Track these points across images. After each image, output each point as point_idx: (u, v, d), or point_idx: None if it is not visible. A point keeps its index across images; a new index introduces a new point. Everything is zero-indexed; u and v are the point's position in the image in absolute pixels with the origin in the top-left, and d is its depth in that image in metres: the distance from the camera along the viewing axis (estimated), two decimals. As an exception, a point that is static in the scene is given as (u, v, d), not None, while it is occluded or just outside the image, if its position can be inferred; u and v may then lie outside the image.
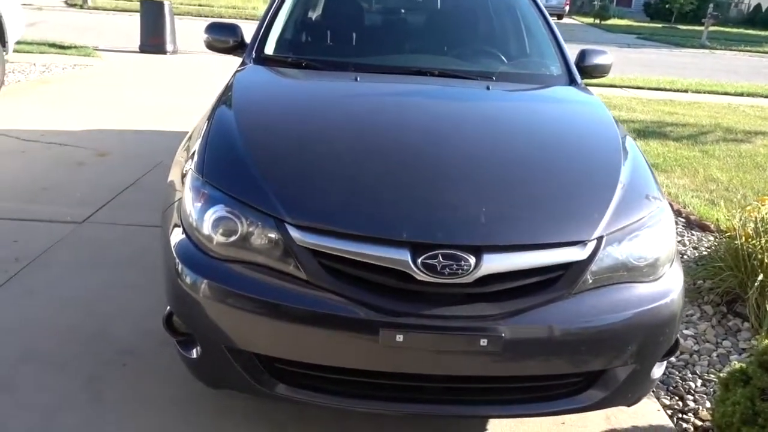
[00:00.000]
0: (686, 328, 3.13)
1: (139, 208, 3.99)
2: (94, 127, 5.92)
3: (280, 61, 3.06)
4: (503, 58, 3.26)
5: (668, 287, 2.02)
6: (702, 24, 23.49)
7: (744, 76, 14.82)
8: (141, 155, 5.03)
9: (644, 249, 2.00)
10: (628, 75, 13.02)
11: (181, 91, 7.91)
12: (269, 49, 3.12)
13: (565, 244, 1.89)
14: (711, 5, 23.22)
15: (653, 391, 2.62)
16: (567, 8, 30.01)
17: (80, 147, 5.24)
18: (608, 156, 2.30)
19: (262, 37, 3.15)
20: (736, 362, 2.38)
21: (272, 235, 1.87)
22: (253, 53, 3.07)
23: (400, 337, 1.77)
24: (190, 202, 2.02)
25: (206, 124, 2.37)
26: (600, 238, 1.92)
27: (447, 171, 2.10)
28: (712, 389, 2.64)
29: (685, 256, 3.95)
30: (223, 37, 3.25)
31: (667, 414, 2.49)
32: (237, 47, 3.25)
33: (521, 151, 2.33)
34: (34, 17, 14.13)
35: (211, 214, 1.94)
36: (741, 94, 11.60)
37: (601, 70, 3.36)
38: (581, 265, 1.88)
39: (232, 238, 1.91)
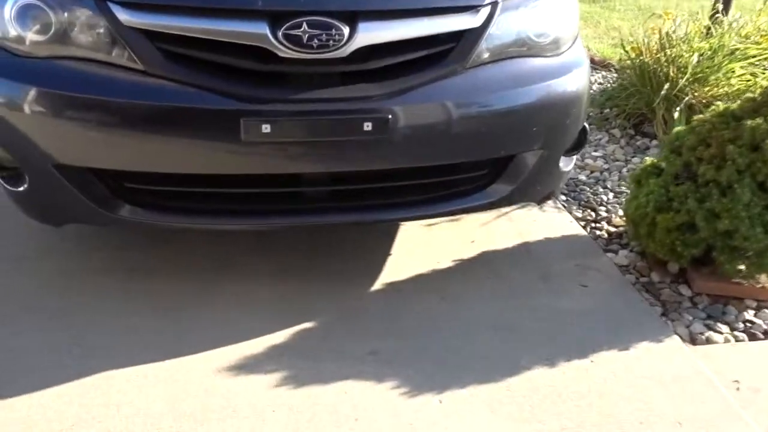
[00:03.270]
0: (595, 150, 3.00)
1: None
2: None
3: None
4: None
5: (571, 62, 1.80)
6: None
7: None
8: None
9: (544, 22, 1.74)
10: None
11: None
12: None
13: (455, 10, 1.60)
14: None
15: (564, 206, 2.47)
16: None
17: None
18: None
19: None
20: (647, 158, 2.25)
21: (93, 19, 1.48)
22: None
23: (266, 128, 1.47)
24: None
25: None
26: (494, 3, 1.64)
27: None
28: (623, 199, 2.52)
29: (591, 91, 3.82)
30: None
31: (580, 225, 2.35)
32: None
33: None
34: None
35: (12, 4, 1.51)
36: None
37: None
38: (474, 34, 1.61)
39: (45, 32, 1.50)
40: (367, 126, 1.51)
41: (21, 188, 1.63)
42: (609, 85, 3.82)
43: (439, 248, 2.13)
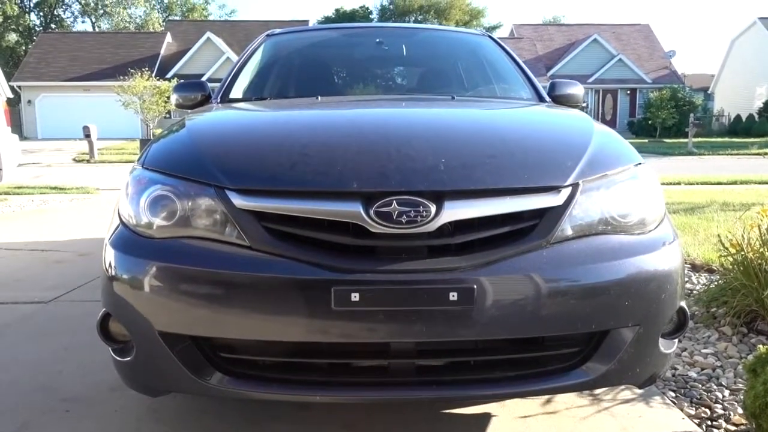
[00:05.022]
0: (704, 348, 2.81)
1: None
2: (81, 238, 5.85)
3: (244, 101, 3.03)
4: (471, 88, 3.26)
5: (659, 239, 1.81)
6: (686, 135, 24.17)
7: (734, 172, 14.96)
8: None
9: (627, 203, 1.81)
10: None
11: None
12: (234, 95, 3.11)
13: (537, 190, 1.71)
14: (692, 115, 24.08)
15: (673, 402, 2.28)
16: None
17: (62, 251, 5.13)
18: (580, 120, 2.25)
19: (227, 87, 3.14)
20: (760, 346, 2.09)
21: (212, 205, 1.70)
22: (218, 98, 3.05)
23: (355, 296, 1.55)
24: (127, 194, 1.86)
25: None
26: (575, 185, 1.74)
27: (401, 130, 2.02)
28: (742, 396, 2.29)
29: (695, 292, 3.69)
30: (192, 93, 3.22)
31: (694, 423, 2.14)
32: (205, 102, 3.23)
33: (486, 115, 2.34)
34: (41, 171, 14.64)
35: (147, 195, 1.78)
36: (734, 183, 11.61)
37: (574, 100, 3.31)
38: (556, 213, 1.69)
39: (171, 218, 1.73)
40: (453, 296, 1.55)
41: (128, 358, 1.76)
42: (713, 285, 3.69)
43: (536, 441, 1.99)
